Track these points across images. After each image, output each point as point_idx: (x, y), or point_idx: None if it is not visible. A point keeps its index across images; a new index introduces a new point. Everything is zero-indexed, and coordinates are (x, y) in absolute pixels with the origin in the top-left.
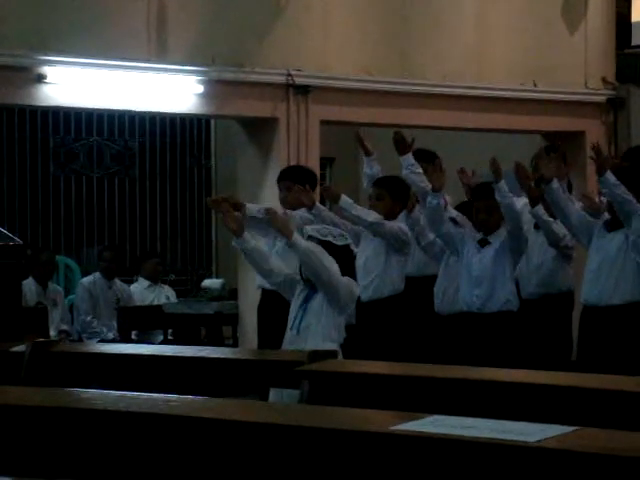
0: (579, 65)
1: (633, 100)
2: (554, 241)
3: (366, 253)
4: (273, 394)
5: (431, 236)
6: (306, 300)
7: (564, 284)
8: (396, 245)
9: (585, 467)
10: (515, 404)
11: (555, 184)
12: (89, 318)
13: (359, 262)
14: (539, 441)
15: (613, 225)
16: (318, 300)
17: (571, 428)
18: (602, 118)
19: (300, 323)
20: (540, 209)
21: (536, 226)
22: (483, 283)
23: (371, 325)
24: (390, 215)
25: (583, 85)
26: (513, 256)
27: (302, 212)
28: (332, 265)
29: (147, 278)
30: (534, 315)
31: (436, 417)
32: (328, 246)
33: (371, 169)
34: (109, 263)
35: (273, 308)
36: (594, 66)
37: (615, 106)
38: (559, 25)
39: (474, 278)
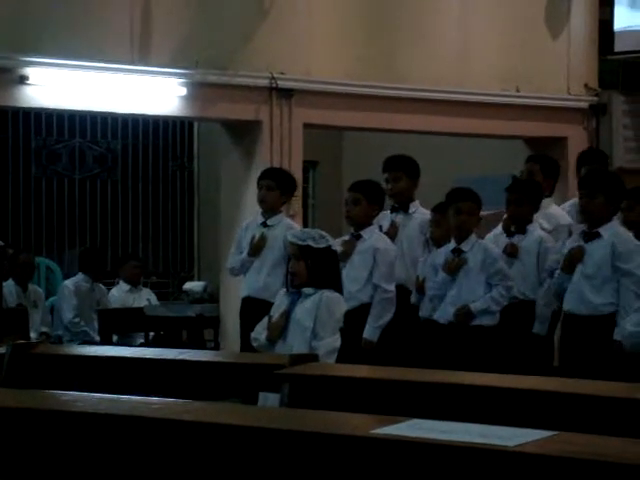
0: (562, 71)
1: (615, 106)
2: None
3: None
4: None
5: None
6: (290, 305)
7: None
8: None
9: (564, 472)
10: (495, 408)
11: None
12: (77, 319)
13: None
14: (518, 445)
15: (590, 236)
16: (302, 308)
17: (550, 433)
18: (584, 124)
19: (286, 332)
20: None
21: (510, 233)
22: (461, 300)
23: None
24: (366, 219)
25: (565, 91)
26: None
27: (286, 220)
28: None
29: (127, 281)
30: (515, 320)
31: (416, 421)
32: (308, 251)
33: None
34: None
35: (255, 313)
36: (576, 72)
37: (597, 112)
38: (542, 31)
39: (452, 298)
